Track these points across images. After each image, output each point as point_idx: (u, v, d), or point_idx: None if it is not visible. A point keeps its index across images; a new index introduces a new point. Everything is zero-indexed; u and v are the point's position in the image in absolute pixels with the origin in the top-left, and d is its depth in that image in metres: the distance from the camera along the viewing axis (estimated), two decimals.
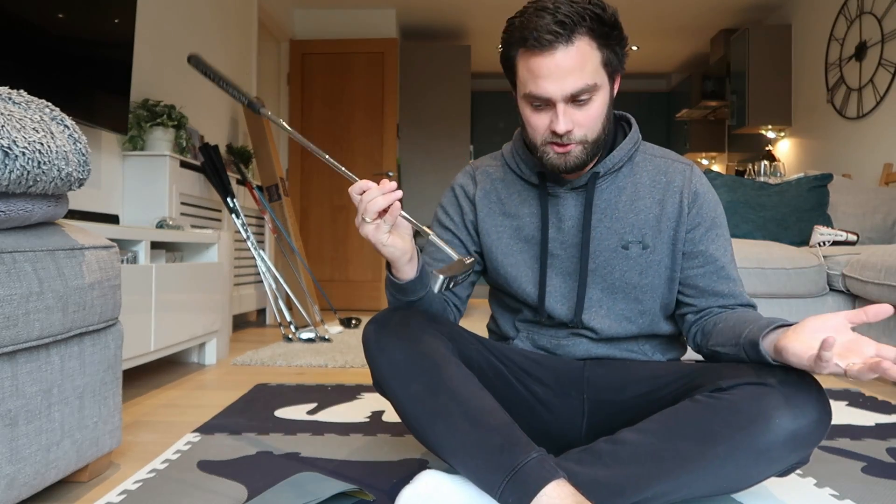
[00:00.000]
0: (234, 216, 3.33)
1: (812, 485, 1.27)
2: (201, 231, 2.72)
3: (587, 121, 1.12)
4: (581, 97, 1.10)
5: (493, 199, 1.31)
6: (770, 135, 5.33)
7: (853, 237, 3.02)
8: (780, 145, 5.27)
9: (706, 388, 1.07)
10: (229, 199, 3.30)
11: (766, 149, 5.26)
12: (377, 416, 1.80)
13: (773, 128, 5.25)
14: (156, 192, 2.84)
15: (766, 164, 4.56)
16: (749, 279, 2.61)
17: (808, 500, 1.19)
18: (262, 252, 3.47)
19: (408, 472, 1.32)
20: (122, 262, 2.12)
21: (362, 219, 1.04)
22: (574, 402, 1.26)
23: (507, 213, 1.30)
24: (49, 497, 1.22)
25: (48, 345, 1.13)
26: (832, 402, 1.96)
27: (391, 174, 5.15)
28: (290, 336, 3.34)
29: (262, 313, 4.34)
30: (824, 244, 2.99)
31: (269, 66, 5.15)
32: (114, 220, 2.42)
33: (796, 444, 1.00)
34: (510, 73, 1.17)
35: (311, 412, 1.84)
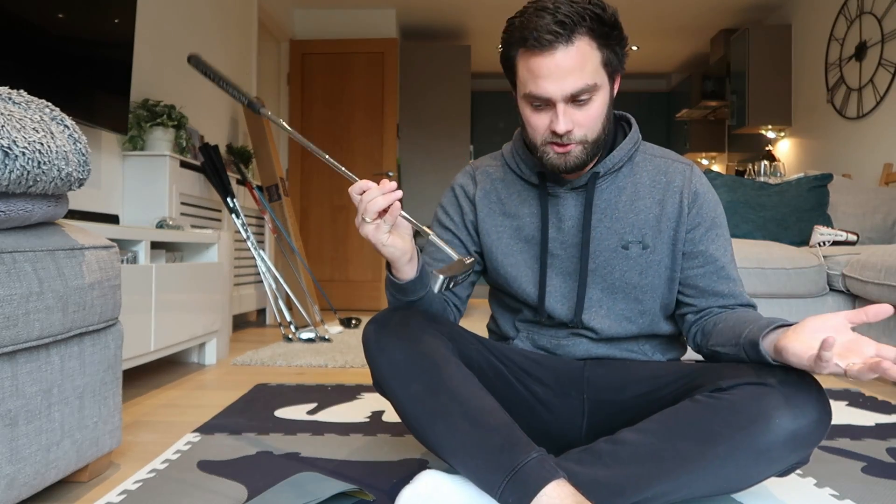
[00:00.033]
0: (234, 216, 3.33)
1: (812, 485, 1.27)
2: (201, 231, 2.72)
3: (587, 121, 1.12)
4: (581, 97, 1.10)
5: (493, 199, 1.31)
6: (770, 135, 5.33)
7: (853, 237, 3.02)
8: (780, 145, 5.27)
9: (706, 388, 1.07)
10: (229, 199, 3.30)
11: (766, 149, 5.26)
12: (377, 416, 1.80)
13: (773, 128, 5.25)
14: (156, 192, 2.84)
15: (766, 164, 4.56)
16: (749, 279, 2.61)
17: (808, 500, 1.19)
18: (262, 252, 3.47)
19: (408, 472, 1.32)
20: (122, 262, 2.12)
21: (362, 219, 1.04)
22: (574, 402, 1.26)
23: (507, 213, 1.30)
24: (49, 497, 1.22)
25: (48, 345, 1.13)
26: (832, 402, 1.96)
27: (391, 174, 5.14)
28: (290, 336, 3.34)
29: (262, 313, 4.34)
30: (824, 244, 2.99)
31: (269, 66, 5.15)
32: (114, 220, 2.42)
33: (796, 445, 1.00)
34: (510, 73, 1.17)
35: (311, 412, 1.84)
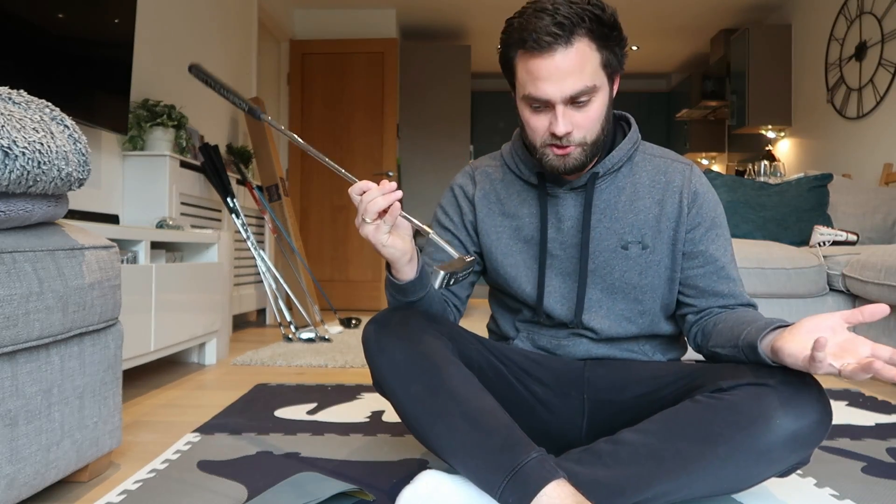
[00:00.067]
0: (234, 216, 3.33)
1: (812, 485, 1.27)
2: (201, 231, 2.72)
3: (586, 122, 1.12)
4: (580, 99, 1.10)
5: (492, 200, 1.31)
6: (770, 135, 5.33)
7: (853, 237, 3.02)
8: (780, 145, 5.27)
9: (707, 389, 1.07)
10: (229, 199, 3.30)
11: (766, 149, 5.26)
12: (377, 416, 1.80)
13: (773, 128, 5.25)
14: (156, 192, 2.84)
15: (766, 164, 4.56)
16: (749, 279, 2.61)
17: (808, 500, 1.19)
18: (262, 252, 3.47)
19: (408, 472, 1.32)
20: (122, 262, 2.12)
21: (362, 219, 1.04)
22: (574, 403, 1.26)
23: (506, 214, 1.30)
24: (49, 497, 1.22)
25: (48, 345, 1.13)
26: (832, 402, 1.96)
27: (391, 174, 5.14)
28: (290, 336, 3.34)
29: (262, 313, 4.34)
30: (824, 244, 2.99)
31: (269, 66, 5.15)
32: (114, 220, 2.42)
33: (797, 445, 1.00)
34: (509, 73, 1.17)
35: (311, 412, 1.84)
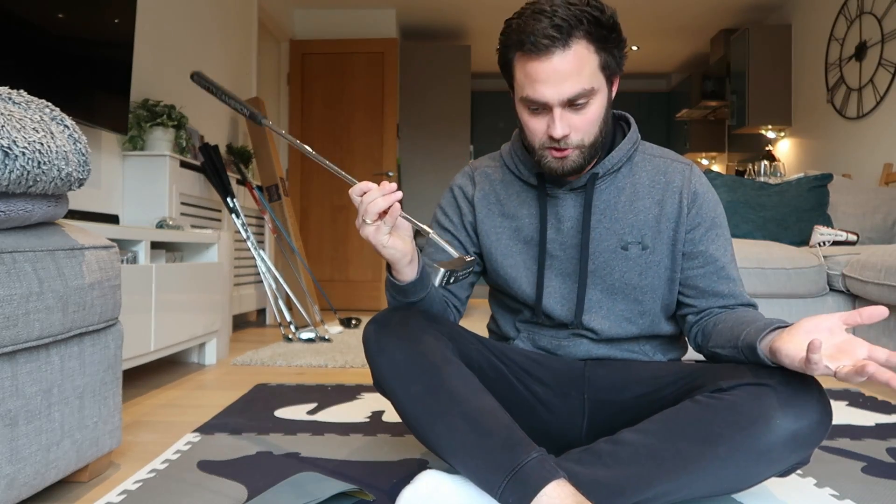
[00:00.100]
0: (234, 216, 3.33)
1: (812, 485, 1.27)
2: (201, 231, 2.72)
3: (584, 125, 1.12)
4: (578, 101, 1.09)
5: (491, 200, 1.31)
6: (770, 135, 5.33)
7: (853, 237, 3.02)
8: (780, 145, 5.27)
9: (707, 389, 1.07)
10: (229, 199, 3.30)
11: (766, 149, 5.26)
12: (377, 416, 1.80)
13: (773, 128, 5.25)
14: (156, 192, 2.84)
15: (766, 164, 4.56)
16: (749, 279, 2.61)
17: (808, 500, 1.19)
18: (262, 252, 3.47)
19: (408, 472, 1.32)
20: (122, 262, 2.12)
21: (363, 220, 1.04)
22: (574, 403, 1.26)
23: (505, 214, 1.30)
24: (49, 497, 1.22)
25: (48, 345, 1.13)
26: (832, 402, 1.96)
27: (391, 174, 5.14)
28: (290, 336, 3.34)
29: (262, 313, 4.34)
30: (824, 244, 2.99)
31: (269, 66, 5.15)
32: (114, 220, 2.42)
33: (797, 445, 1.00)
34: (508, 75, 1.17)
35: (311, 412, 1.84)
